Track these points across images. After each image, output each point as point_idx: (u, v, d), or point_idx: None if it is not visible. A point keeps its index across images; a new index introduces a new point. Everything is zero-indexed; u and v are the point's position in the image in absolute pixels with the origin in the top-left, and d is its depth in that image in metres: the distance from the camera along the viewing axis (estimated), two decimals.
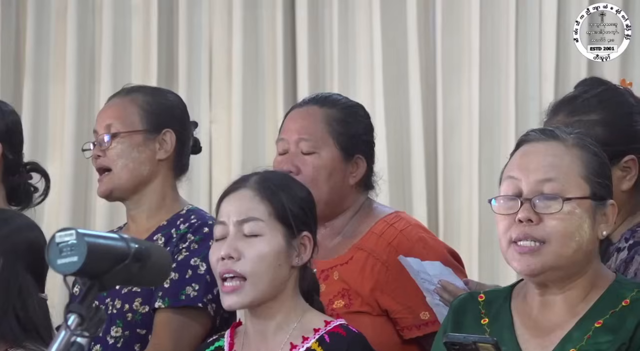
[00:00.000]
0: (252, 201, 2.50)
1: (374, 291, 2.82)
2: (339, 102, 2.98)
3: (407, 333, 2.81)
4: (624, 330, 2.22)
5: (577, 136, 2.31)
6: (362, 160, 2.93)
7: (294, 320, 2.51)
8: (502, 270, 4.51)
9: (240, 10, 4.81)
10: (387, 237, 2.87)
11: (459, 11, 4.69)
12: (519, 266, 2.26)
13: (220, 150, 4.80)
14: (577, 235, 2.25)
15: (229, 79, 4.83)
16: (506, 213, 2.27)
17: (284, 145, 2.91)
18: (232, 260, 2.49)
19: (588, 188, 2.26)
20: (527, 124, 4.57)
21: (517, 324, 2.31)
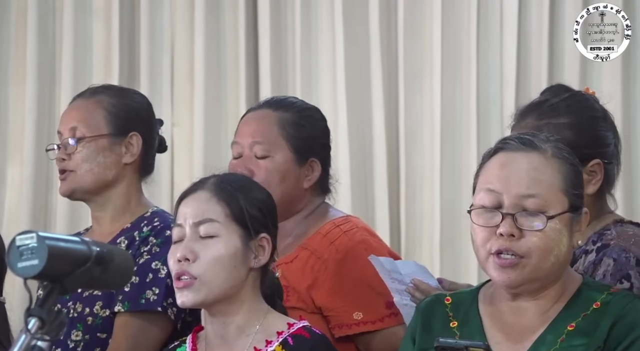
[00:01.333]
0: (208, 203, 2.49)
1: (310, 289, 2.83)
2: (294, 105, 2.97)
3: (338, 332, 2.81)
4: (598, 333, 2.23)
5: (555, 146, 2.31)
6: (317, 163, 2.92)
7: (256, 323, 2.49)
8: (464, 273, 4.51)
9: (203, 12, 4.78)
10: (330, 236, 2.87)
11: (421, 15, 4.69)
12: (499, 278, 2.26)
13: (182, 153, 4.77)
14: (556, 249, 2.26)
15: (191, 81, 4.80)
16: (486, 225, 2.26)
17: (238, 149, 2.92)
18: (187, 262, 2.48)
19: (567, 202, 2.27)
20: (489, 128, 4.59)
21: (488, 327, 2.31)
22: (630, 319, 2.23)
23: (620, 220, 2.60)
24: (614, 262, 2.47)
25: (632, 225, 2.59)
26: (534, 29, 4.59)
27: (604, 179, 2.61)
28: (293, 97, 3.04)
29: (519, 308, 2.29)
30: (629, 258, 2.48)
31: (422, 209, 4.64)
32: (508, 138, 2.35)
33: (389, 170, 4.66)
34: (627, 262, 2.47)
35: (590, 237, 2.54)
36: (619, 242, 2.50)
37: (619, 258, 2.48)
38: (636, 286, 2.46)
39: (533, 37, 4.58)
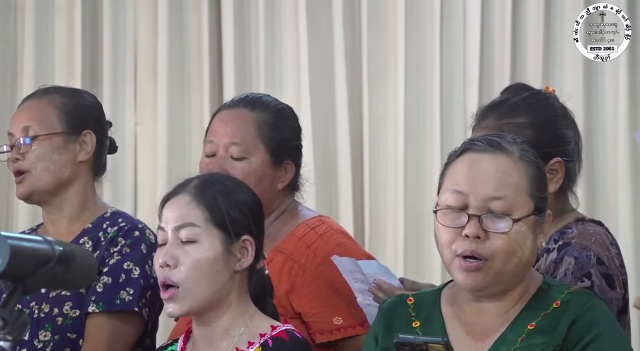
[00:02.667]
0: (188, 206, 2.47)
1: (289, 294, 2.81)
2: (270, 105, 2.95)
3: (319, 338, 2.79)
4: (558, 332, 2.24)
5: (522, 148, 2.31)
6: (291, 165, 2.91)
7: (241, 324, 2.48)
8: (428, 272, 4.53)
9: (166, 11, 4.76)
10: (306, 240, 2.85)
11: (385, 15, 4.70)
12: (464, 281, 2.27)
13: (146, 151, 4.75)
14: (520, 252, 2.26)
15: (155, 80, 4.78)
16: (451, 226, 2.26)
17: (213, 148, 2.87)
18: (169, 268, 2.47)
19: (532, 205, 2.28)
20: (452, 127, 4.61)
21: (450, 327, 2.31)
22: (588, 318, 2.24)
23: (581, 218, 2.61)
24: (575, 261, 2.48)
25: (593, 224, 2.60)
26: (497, 29, 4.61)
27: (565, 177, 2.60)
28: (267, 95, 3.01)
29: (481, 308, 2.30)
30: (589, 256, 2.49)
31: (386, 208, 4.65)
32: (475, 139, 2.35)
33: (353, 169, 4.67)
34: (588, 260, 2.48)
35: (552, 236, 2.54)
36: (580, 240, 2.51)
37: (580, 257, 2.49)
38: (597, 285, 2.48)
39: (496, 37, 4.61)
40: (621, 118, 4.48)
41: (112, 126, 3.08)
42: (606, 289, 2.48)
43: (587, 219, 2.62)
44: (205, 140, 2.90)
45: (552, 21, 4.58)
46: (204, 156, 2.89)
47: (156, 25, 4.78)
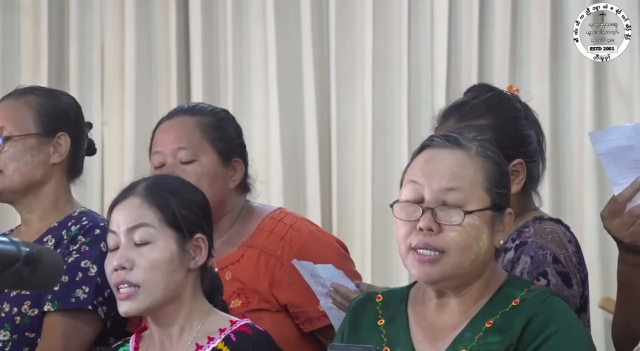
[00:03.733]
0: (140, 208, 2.48)
1: (272, 287, 2.82)
2: (207, 109, 2.96)
3: (308, 326, 2.82)
4: (513, 330, 2.24)
5: (480, 144, 2.32)
6: (240, 163, 2.92)
7: (197, 322, 2.49)
8: (395, 272, 4.54)
9: (133, 11, 4.75)
10: (278, 232, 2.87)
11: (353, 15, 4.71)
12: (418, 273, 2.27)
13: (113, 152, 4.75)
14: (475, 246, 2.26)
15: (122, 80, 4.77)
16: (407, 219, 2.27)
17: (160, 158, 2.88)
18: (125, 271, 2.47)
19: (489, 200, 2.27)
20: (420, 128, 4.62)
21: (413, 325, 2.32)
22: (544, 316, 2.24)
23: (539, 217, 2.60)
24: (531, 260, 2.48)
25: (551, 222, 2.59)
26: (464, 31, 4.63)
27: (527, 178, 2.60)
28: (202, 102, 3.03)
29: (443, 305, 2.30)
30: (545, 255, 2.48)
31: (354, 208, 4.66)
32: (434, 136, 2.37)
33: (321, 169, 4.68)
34: (544, 259, 2.48)
35: (510, 235, 2.54)
36: (536, 239, 2.51)
37: (536, 256, 2.48)
38: (553, 284, 2.47)
39: (463, 39, 4.63)
40: (587, 118, 4.50)
41: (92, 127, 3.08)
42: (563, 287, 2.47)
43: (545, 217, 2.61)
44: (152, 153, 2.92)
45: (518, 23, 4.60)
46: (152, 169, 2.90)
47: (123, 24, 4.77)
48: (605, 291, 4.46)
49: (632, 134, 2.36)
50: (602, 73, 4.52)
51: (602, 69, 4.52)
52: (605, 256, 4.44)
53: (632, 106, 4.48)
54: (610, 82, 4.52)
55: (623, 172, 2.39)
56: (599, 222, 4.48)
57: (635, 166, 2.37)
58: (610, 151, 2.38)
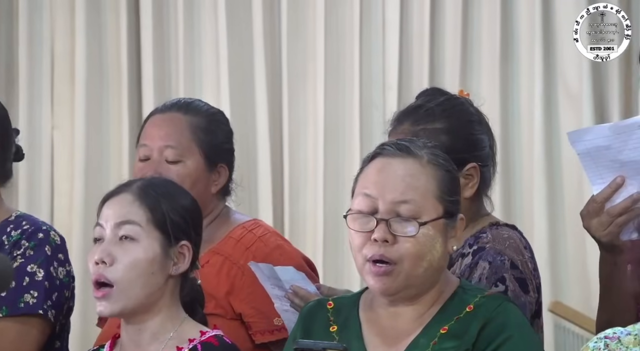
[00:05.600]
0: (131, 205, 2.43)
1: (229, 295, 2.80)
2: (202, 109, 2.90)
3: (260, 338, 2.78)
4: (468, 336, 2.23)
5: (431, 152, 2.31)
6: (224, 168, 2.88)
7: (170, 329, 2.44)
8: (347, 275, 4.55)
9: (83, 14, 4.74)
10: (245, 242, 2.83)
11: (304, 19, 4.72)
12: (375, 285, 2.26)
13: (63, 155, 4.73)
14: (429, 255, 2.26)
15: (72, 83, 4.77)
16: (361, 230, 2.26)
17: (147, 151, 2.84)
18: (104, 265, 2.41)
19: (441, 208, 2.27)
20: (371, 132, 4.64)
21: (366, 332, 2.30)
22: (498, 321, 2.24)
23: (496, 222, 2.58)
24: (489, 265, 2.47)
25: (508, 228, 2.57)
26: (415, 36, 4.65)
27: (481, 182, 2.57)
28: (199, 100, 2.95)
29: (396, 312, 2.29)
30: (503, 261, 2.48)
31: (305, 211, 4.67)
32: (386, 143, 2.34)
33: (273, 172, 4.68)
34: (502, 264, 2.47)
35: (466, 240, 2.52)
36: (494, 245, 2.49)
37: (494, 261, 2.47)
38: (511, 289, 2.46)
39: (414, 44, 4.65)
40: (537, 122, 4.54)
41: (19, 133, 3.02)
42: (520, 293, 2.46)
43: (501, 223, 2.59)
44: (139, 145, 2.88)
45: (469, 27, 4.63)
46: (137, 160, 2.87)
47: (73, 28, 4.77)
48: (555, 296, 4.50)
49: (609, 134, 2.34)
50: (552, 77, 4.57)
51: (551, 74, 4.56)
52: (554, 260, 4.49)
53: (581, 110, 4.53)
54: (560, 87, 4.58)
55: (601, 171, 2.37)
56: (548, 226, 4.54)
57: (613, 166, 2.36)
58: (588, 151, 2.36)
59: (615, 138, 2.34)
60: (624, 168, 2.36)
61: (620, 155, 2.35)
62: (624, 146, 2.35)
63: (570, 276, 4.55)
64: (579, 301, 4.50)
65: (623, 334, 2.12)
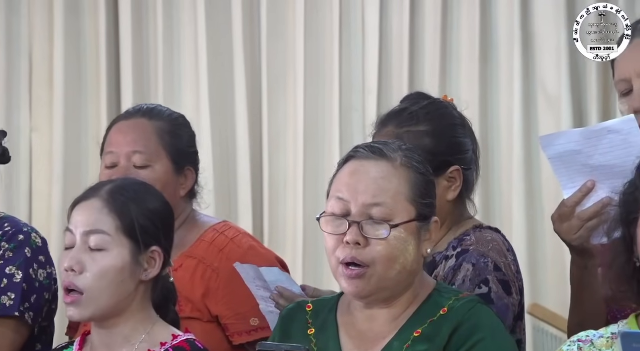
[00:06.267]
0: (100, 213, 2.43)
1: (205, 298, 2.81)
2: (165, 114, 2.95)
3: (237, 339, 2.80)
4: (440, 339, 2.24)
5: (405, 154, 2.31)
6: (191, 171, 2.91)
7: (142, 332, 2.44)
8: (326, 279, 4.55)
9: (62, 16, 4.74)
10: (218, 244, 2.85)
11: (284, 23, 4.72)
12: (348, 288, 2.26)
13: (41, 158, 4.72)
14: (402, 258, 2.26)
15: (51, 87, 4.76)
16: (334, 233, 2.27)
17: (114, 159, 2.86)
18: (74, 273, 2.41)
19: (414, 211, 2.27)
20: (351, 135, 4.65)
21: (342, 335, 2.30)
22: (470, 324, 2.24)
23: (479, 225, 2.60)
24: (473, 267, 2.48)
25: (491, 231, 2.59)
26: (395, 40, 4.66)
27: (463, 185, 2.59)
28: (160, 105, 3.00)
29: (372, 315, 2.30)
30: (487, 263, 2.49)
31: (285, 214, 4.68)
32: (360, 146, 2.35)
33: (253, 175, 4.68)
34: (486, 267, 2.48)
35: (450, 243, 2.54)
36: (477, 247, 2.50)
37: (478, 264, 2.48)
38: (494, 291, 2.47)
39: (394, 48, 4.66)
40: (516, 125, 4.56)
41: (6, 136, 3.02)
42: (503, 295, 2.47)
43: (484, 226, 2.61)
44: (104, 153, 2.89)
45: (448, 31, 4.65)
46: (103, 168, 2.88)
47: (52, 31, 4.76)
48: (534, 298, 4.51)
49: (581, 139, 2.36)
50: (531, 81, 4.59)
51: (530, 78, 4.59)
52: (533, 263, 4.51)
53: (560, 113, 4.56)
54: (539, 90, 4.60)
55: (572, 176, 2.39)
56: (527, 229, 4.55)
57: (583, 170, 2.37)
58: (559, 155, 2.37)
59: (586, 143, 2.35)
60: (595, 173, 2.36)
61: (591, 159, 2.36)
62: (594, 151, 2.35)
63: (549, 279, 4.57)
64: (558, 303, 4.52)
65: (596, 337, 2.14)
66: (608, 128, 2.35)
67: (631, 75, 2.49)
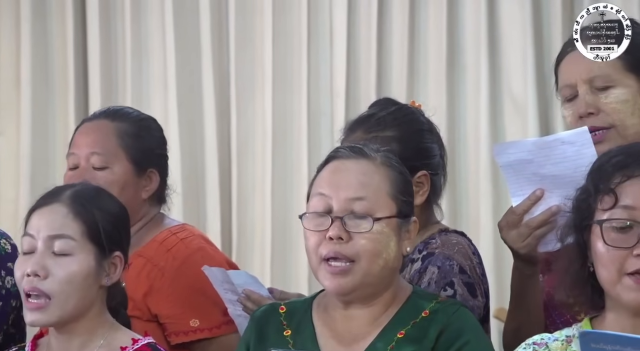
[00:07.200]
0: (65, 218, 2.43)
1: (147, 297, 2.82)
2: (131, 115, 2.96)
3: (175, 339, 2.81)
4: (427, 340, 2.26)
5: (384, 154, 2.34)
6: (155, 174, 2.92)
7: (100, 337, 2.46)
8: (295, 282, 4.56)
9: (29, 20, 4.73)
10: (167, 244, 2.86)
11: (252, 28, 4.73)
12: (331, 285, 2.28)
13: (8, 163, 4.70)
14: (385, 253, 2.28)
15: (17, 90, 4.73)
16: (316, 230, 2.28)
17: (75, 160, 2.87)
18: (38, 278, 2.41)
19: (395, 207, 2.30)
20: (319, 139, 4.66)
21: (320, 335, 2.32)
22: (456, 326, 2.27)
23: (445, 229, 2.63)
24: (439, 270, 2.50)
25: (456, 234, 2.62)
26: (363, 44, 4.67)
27: (431, 190, 2.63)
28: (129, 108, 3.01)
29: (351, 315, 2.31)
30: (452, 265, 2.51)
31: (254, 218, 4.68)
32: (340, 147, 2.39)
33: (221, 180, 4.68)
34: (451, 269, 2.51)
35: (416, 246, 2.57)
36: (443, 250, 2.53)
37: (443, 266, 2.51)
38: (459, 293, 2.50)
39: (362, 52, 4.67)
40: (483, 130, 4.58)
41: None
42: (468, 298, 2.50)
43: (450, 230, 2.64)
44: (68, 154, 2.90)
45: (416, 37, 4.66)
46: (67, 169, 2.88)
47: (19, 35, 4.74)
48: (499, 302, 4.53)
49: (533, 148, 2.38)
50: (497, 86, 4.61)
51: (497, 83, 4.61)
52: (499, 267, 4.52)
53: (526, 118, 4.57)
54: (505, 96, 4.61)
55: (521, 184, 2.41)
56: (494, 234, 4.55)
57: (533, 179, 2.39)
58: (511, 164, 2.40)
59: (538, 153, 2.37)
60: (544, 182, 2.39)
61: (542, 169, 2.38)
62: (546, 161, 2.37)
63: None
64: None
65: (551, 340, 2.16)
66: (561, 139, 2.37)
67: (577, 80, 2.51)
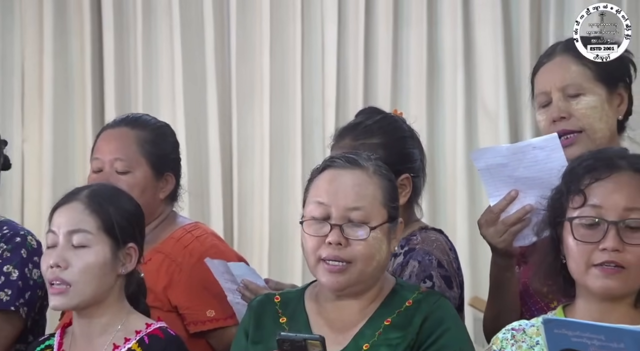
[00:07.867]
0: (82, 214, 2.49)
1: (167, 289, 2.84)
2: (149, 123, 2.97)
3: (193, 328, 2.83)
4: (412, 327, 2.31)
5: (375, 163, 2.37)
6: (171, 176, 2.95)
7: (118, 322, 2.50)
8: (289, 274, 4.60)
9: (51, 37, 4.70)
10: (183, 241, 2.89)
11: (252, 44, 4.74)
12: (328, 282, 2.31)
13: (32, 166, 4.70)
14: (378, 255, 2.32)
15: (41, 100, 4.71)
16: (315, 235, 2.31)
17: (98, 164, 2.90)
18: (59, 269, 2.48)
19: (386, 214, 2.34)
20: (312, 146, 4.69)
21: (313, 322, 2.36)
22: (438, 315, 2.31)
23: (425, 227, 2.66)
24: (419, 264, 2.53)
25: (435, 231, 2.65)
26: (351, 59, 4.69)
27: (412, 191, 2.65)
28: (147, 115, 3.03)
29: (341, 305, 2.35)
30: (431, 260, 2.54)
31: (253, 218, 4.67)
32: (335, 156, 2.40)
33: (223, 183, 4.69)
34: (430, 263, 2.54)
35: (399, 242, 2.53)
36: (423, 246, 2.56)
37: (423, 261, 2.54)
38: (437, 285, 2.53)
39: (350, 66, 4.69)
40: (459, 138, 4.59)
41: (7, 144, 3.07)
42: (445, 289, 2.54)
43: (429, 228, 2.67)
44: (92, 158, 2.93)
45: (399, 53, 4.68)
46: (91, 172, 2.91)
47: (42, 48, 4.71)
48: (474, 292, 4.57)
49: (507, 153, 2.42)
50: (472, 98, 4.57)
51: (471, 95, 4.58)
52: (474, 260, 4.52)
53: (498, 127, 4.52)
54: (479, 106, 4.57)
55: (497, 185, 2.44)
56: (469, 230, 4.59)
57: (508, 181, 2.43)
58: (487, 167, 2.43)
59: (512, 158, 2.41)
60: (518, 183, 2.42)
61: (516, 172, 2.41)
62: (519, 164, 2.40)
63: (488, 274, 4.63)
64: None
65: (527, 326, 2.18)
66: (533, 144, 2.41)
67: (551, 88, 2.53)
